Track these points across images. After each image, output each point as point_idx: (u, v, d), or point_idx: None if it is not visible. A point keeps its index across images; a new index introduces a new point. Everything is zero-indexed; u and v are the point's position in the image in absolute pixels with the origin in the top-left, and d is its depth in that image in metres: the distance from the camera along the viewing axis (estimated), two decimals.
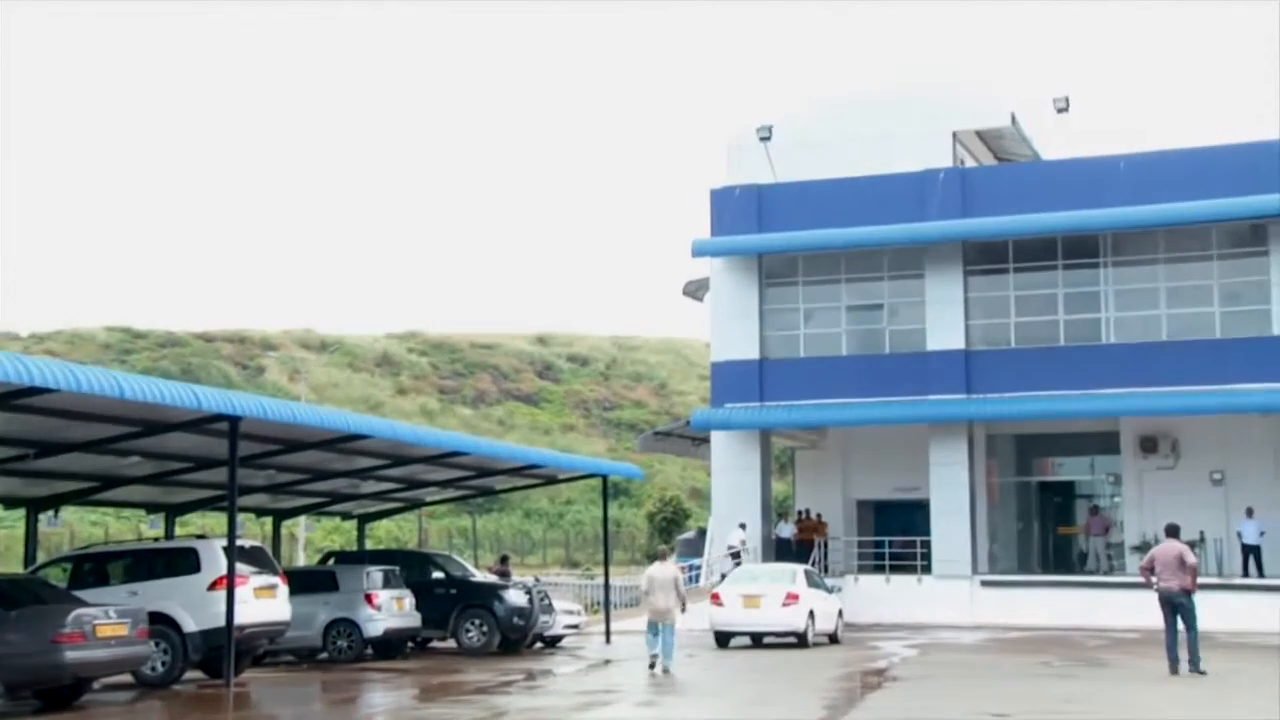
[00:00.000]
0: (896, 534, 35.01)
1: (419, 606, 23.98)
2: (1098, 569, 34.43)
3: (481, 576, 27.63)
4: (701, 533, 40.62)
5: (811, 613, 25.30)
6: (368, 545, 32.20)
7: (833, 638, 26.48)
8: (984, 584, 33.17)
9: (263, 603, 18.74)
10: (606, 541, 31.29)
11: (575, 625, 28.25)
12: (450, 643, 25.18)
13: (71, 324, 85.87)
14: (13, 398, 14.93)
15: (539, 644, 26.65)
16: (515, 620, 24.74)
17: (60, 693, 15.61)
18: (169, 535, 25.13)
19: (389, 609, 23.17)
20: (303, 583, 22.12)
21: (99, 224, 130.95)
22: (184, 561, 18.64)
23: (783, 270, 35.98)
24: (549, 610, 26.02)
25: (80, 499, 22.73)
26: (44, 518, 22.19)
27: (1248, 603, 29.64)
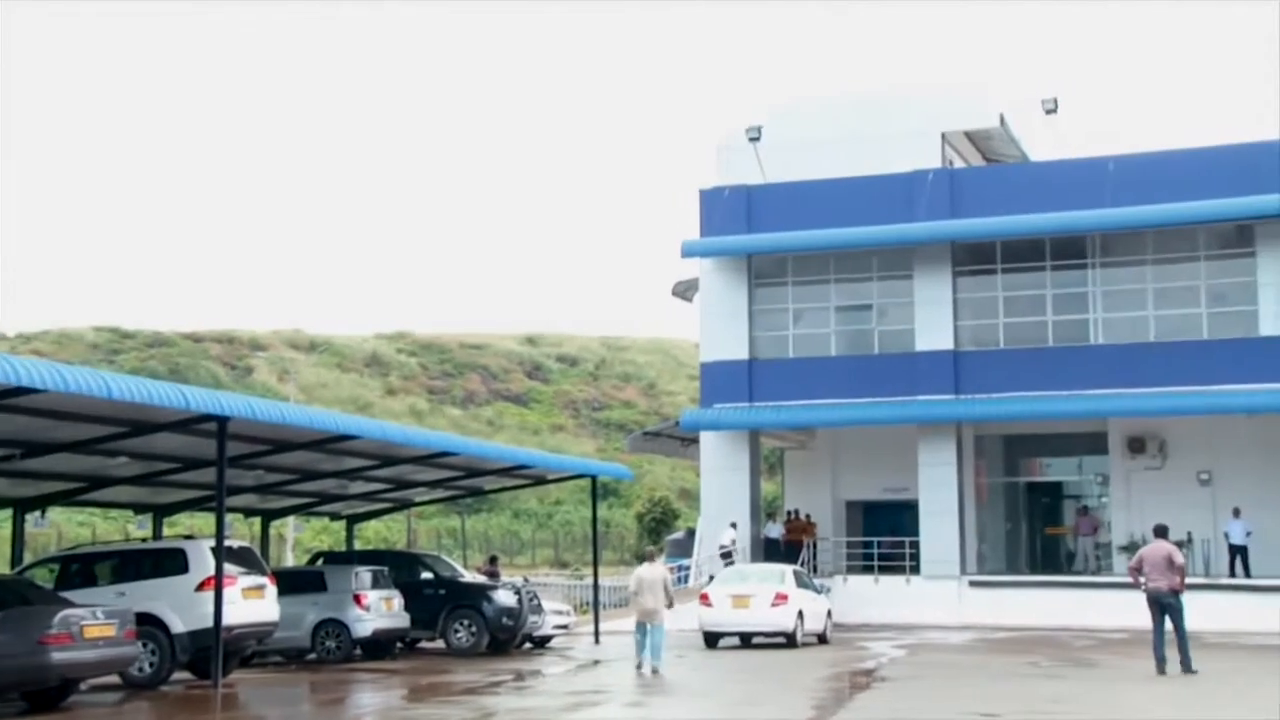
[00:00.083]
0: (885, 534, 35.07)
1: (408, 607, 23.89)
2: (1086, 569, 34.53)
3: (470, 577, 27.56)
4: (691, 533, 40.61)
5: (800, 613, 25.30)
6: (356, 546, 32.20)
7: (821, 638, 26.47)
8: (972, 584, 33.22)
9: (251, 603, 18.68)
10: (595, 542, 31.32)
11: (564, 626, 28.24)
12: (439, 643, 25.12)
13: (59, 324, 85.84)
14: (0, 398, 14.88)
15: (528, 644, 26.60)
16: (504, 621, 24.69)
17: (47, 694, 15.54)
18: (157, 536, 25.01)
19: (378, 609, 23.09)
20: (291, 583, 22.03)
21: (88, 224, 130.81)
22: (172, 562, 18.55)
23: (772, 271, 36.01)
24: (538, 611, 25.96)
25: (68, 499, 22.61)
26: (31, 518, 22.12)
27: (1235, 603, 29.71)
